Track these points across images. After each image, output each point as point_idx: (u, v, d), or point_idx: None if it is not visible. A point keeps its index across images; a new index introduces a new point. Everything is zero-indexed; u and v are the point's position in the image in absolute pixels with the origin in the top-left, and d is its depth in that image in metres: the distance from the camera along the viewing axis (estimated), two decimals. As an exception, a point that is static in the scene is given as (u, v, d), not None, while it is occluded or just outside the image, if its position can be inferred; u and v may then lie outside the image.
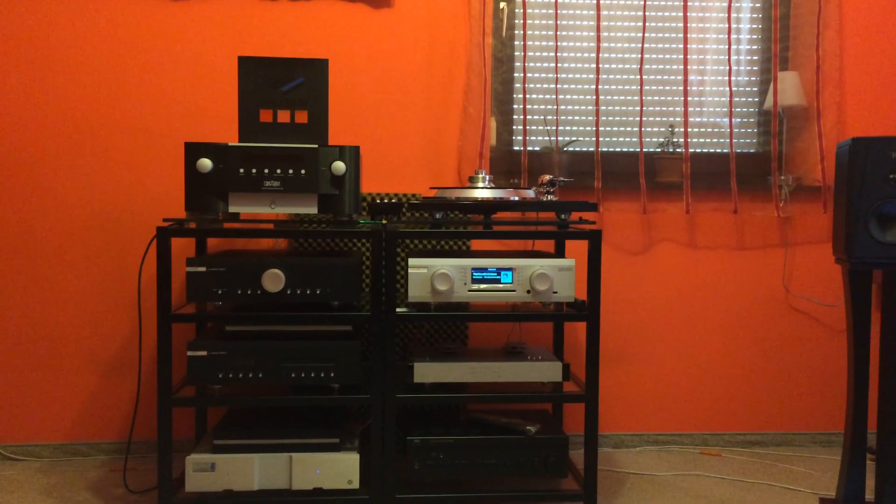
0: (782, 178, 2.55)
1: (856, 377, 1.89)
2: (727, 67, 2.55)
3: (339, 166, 1.86)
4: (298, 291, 1.87)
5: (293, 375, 1.88)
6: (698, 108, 2.65)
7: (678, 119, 2.62)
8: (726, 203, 2.56)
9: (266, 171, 1.84)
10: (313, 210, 1.88)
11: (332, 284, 1.86)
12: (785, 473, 2.35)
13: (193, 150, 1.86)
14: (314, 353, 1.87)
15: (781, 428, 2.65)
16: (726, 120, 2.61)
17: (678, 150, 2.59)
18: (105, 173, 2.37)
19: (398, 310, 1.91)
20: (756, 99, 2.69)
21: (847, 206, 1.79)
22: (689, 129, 2.57)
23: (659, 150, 2.63)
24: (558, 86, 2.56)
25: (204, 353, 1.86)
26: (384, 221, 2.03)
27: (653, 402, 2.63)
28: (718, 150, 2.67)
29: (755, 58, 2.68)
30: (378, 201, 2.04)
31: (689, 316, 2.64)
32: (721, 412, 2.66)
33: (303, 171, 1.85)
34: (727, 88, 2.57)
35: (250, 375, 1.87)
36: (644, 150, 2.57)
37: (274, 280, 1.85)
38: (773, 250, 2.62)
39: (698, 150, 2.67)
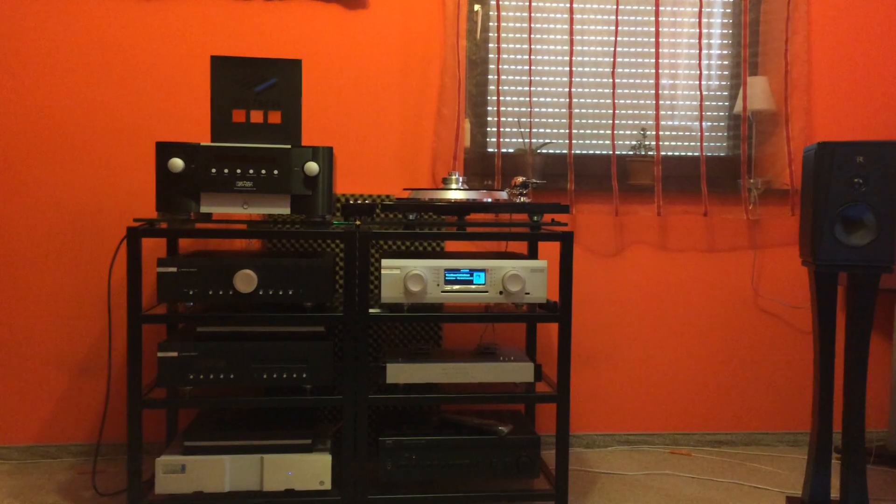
0: (751, 181, 2.56)
1: (821, 377, 1.90)
2: (698, 72, 2.55)
3: (313, 167, 1.85)
4: (271, 292, 1.86)
5: (265, 376, 1.87)
6: (670, 112, 2.67)
7: (650, 122, 2.63)
8: (697, 206, 2.57)
9: (238, 171, 1.83)
10: (286, 211, 1.87)
11: (304, 285, 1.85)
12: (753, 472, 2.36)
13: (165, 150, 1.84)
14: (286, 354, 1.86)
15: (750, 427, 2.66)
16: (697, 124, 2.61)
17: (650, 153, 2.60)
18: (76, 172, 2.35)
19: (371, 311, 1.91)
20: (726, 103, 2.71)
21: (813, 209, 1.80)
22: (661, 133, 2.58)
23: (631, 153, 2.64)
24: (532, 88, 2.55)
25: (175, 354, 1.84)
26: (357, 222, 2.03)
27: (624, 402, 2.63)
28: (689, 154, 2.68)
29: (726, 62, 2.70)
30: (351, 202, 1.99)
31: (660, 317, 2.65)
32: (691, 412, 2.67)
33: (275, 172, 1.84)
34: (698, 93, 2.58)
35: (222, 377, 1.86)
36: (616, 152, 2.59)
37: (246, 281, 1.84)
38: (742, 252, 2.64)
39: (670, 154, 2.68)
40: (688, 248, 2.62)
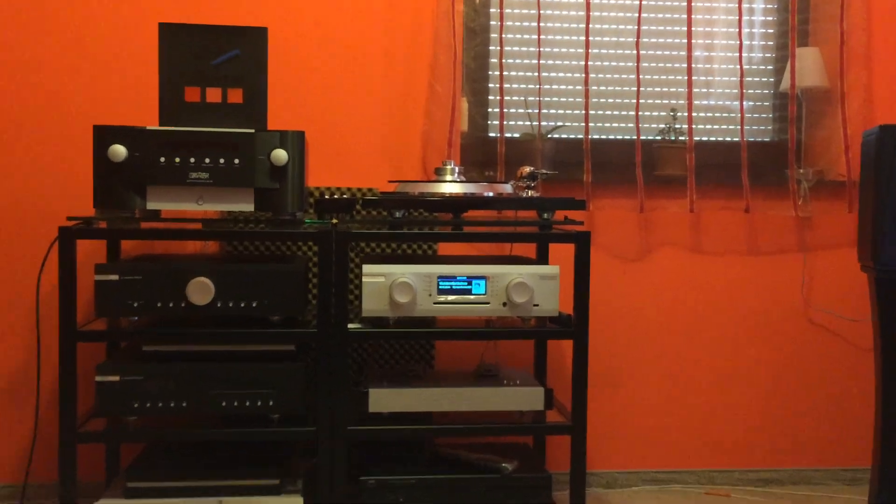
0: (801, 171, 2.56)
1: (884, 404, 1.91)
2: (738, 42, 2.55)
3: (280, 155, 1.86)
4: (231, 304, 1.88)
5: (224, 404, 1.89)
6: (704, 90, 2.67)
7: (681, 102, 2.62)
8: (736, 200, 2.57)
9: (192, 160, 1.84)
10: (249, 207, 1.89)
11: (271, 296, 1.87)
12: (804, 517, 2.35)
13: (104, 135, 1.85)
14: (250, 378, 1.88)
15: (800, 463, 2.67)
16: (737, 103, 2.61)
17: (681, 137, 2.58)
18: (2, 162, 2.35)
19: (350, 326, 1.92)
20: (771, 79, 2.71)
21: (874, 204, 1.81)
22: (694, 114, 2.56)
23: (659, 137, 2.62)
24: (541, 62, 2.54)
25: (116, 377, 1.86)
26: (334, 221, 2.03)
27: (650, 433, 2.63)
28: (728, 139, 2.68)
29: (770, 31, 2.70)
30: (327, 197, 2.05)
31: (692, 333, 2.64)
32: (730, 445, 2.66)
33: (236, 161, 1.85)
34: (738, 67, 2.57)
35: (172, 405, 1.87)
36: (641, 137, 2.55)
37: (201, 290, 1.86)
38: (790, 256, 2.64)
39: (704, 139, 2.67)
40: (726, 250, 2.63)
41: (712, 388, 2.66)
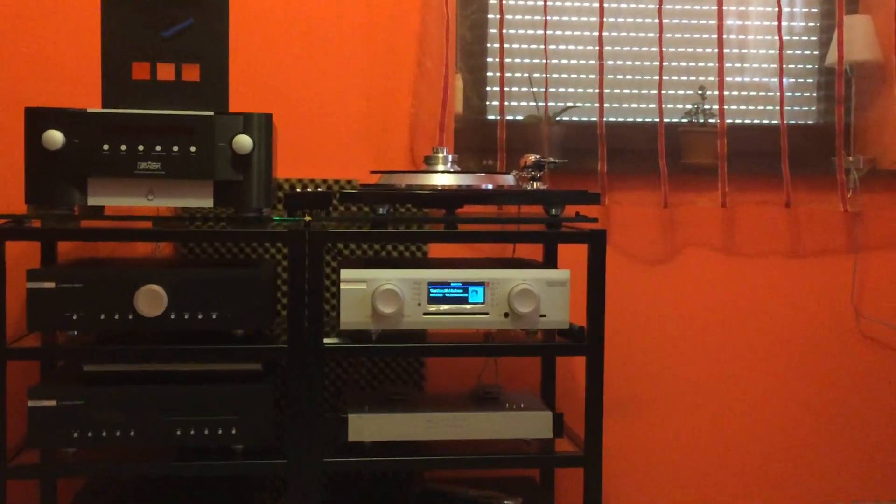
0: (850, 159, 2.58)
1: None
2: (776, 9, 2.57)
3: (244, 142, 1.86)
4: (187, 316, 1.88)
5: (179, 433, 1.88)
6: (738, 65, 2.68)
7: (711, 79, 2.63)
8: (775, 193, 2.58)
9: (141, 147, 1.84)
10: (208, 202, 1.89)
11: (233, 306, 1.87)
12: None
13: (37, 119, 1.83)
14: (209, 402, 1.88)
15: (853, 497, 2.67)
16: (775, 81, 2.62)
17: (711, 120, 2.59)
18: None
19: (326, 341, 1.92)
20: (815, 53, 2.74)
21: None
22: (726, 93, 2.56)
23: (685, 120, 2.63)
24: (548, 32, 2.54)
25: (52, 402, 1.84)
26: (307, 218, 2.05)
27: (676, 465, 2.63)
28: (765, 122, 2.70)
29: (814, -4, 2.75)
30: (299, 190, 2.08)
31: (725, 347, 2.65)
32: (770, 479, 2.66)
33: (193, 149, 1.85)
34: (776, 38, 2.58)
35: (118, 434, 1.86)
36: (665, 120, 2.55)
37: (152, 300, 1.85)
38: (838, 258, 2.66)
39: (738, 122, 2.67)
40: (763, 251, 2.64)
41: (748, 413, 2.65)
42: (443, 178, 2.01)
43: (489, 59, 2.59)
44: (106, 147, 1.83)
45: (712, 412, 2.66)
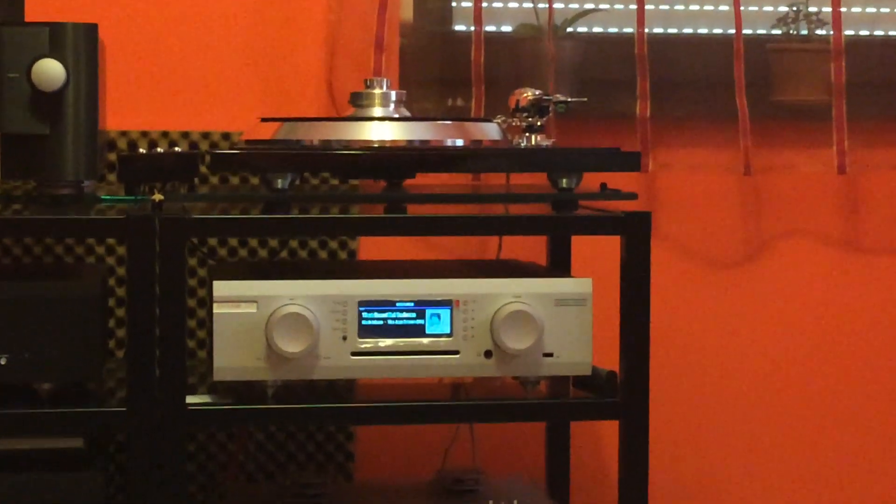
0: None
1: None
2: None
3: (52, 70, 1.65)
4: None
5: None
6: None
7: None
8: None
9: None
10: (-10, 171, 1.77)
11: (35, 344, 1.65)
12: None
13: None
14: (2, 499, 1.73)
15: None
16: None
17: (820, 31, 2.28)
18: None
19: (191, 399, 1.65)
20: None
21: None
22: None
23: (777, 32, 2.33)
24: None
25: None
26: (158, 197, 1.73)
27: None
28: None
29: None
30: (144, 152, 1.86)
31: (843, 395, 2.34)
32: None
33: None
34: None
35: None
36: (745, 32, 2.23)
37: None
38: None
39: (864, 34, 2.39)
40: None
41: (883, 493, 2.40)
42: (381, 128, 1.78)
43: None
44: None
45: (824, 495, 2.39)
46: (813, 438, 2.40)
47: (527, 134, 1.80)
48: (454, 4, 2.37)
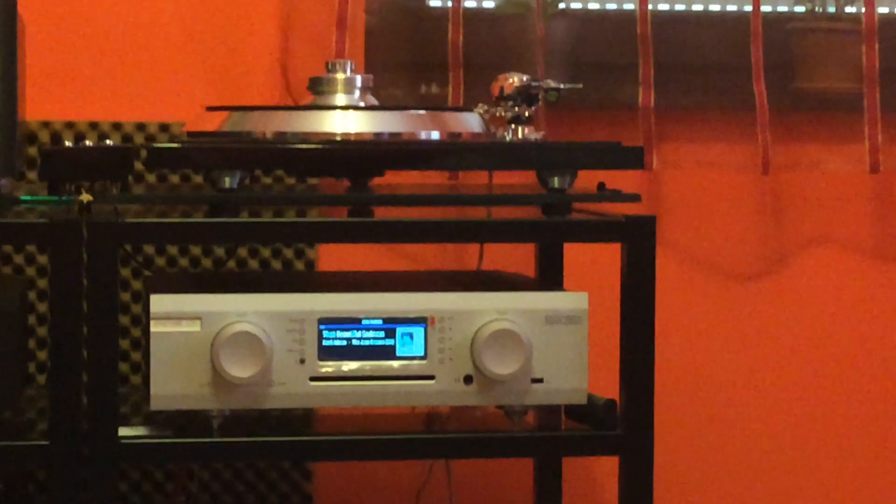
0: None
1: None
2: None
3: None
4: None
5: None
6: None
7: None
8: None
9: None
10: None
11: None
12: None
13: None
14: None
15: None
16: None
17: (848, 10, 2.21)
18: None
19: (124, 432, 1.58)
20: None
21: None
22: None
23: (801, 9, 2.29)
24: None
25: None
26: (85, 198, 1.69)
27: None
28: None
29: None
30: (70, 145, 1.78)
31: (882, 430, 2.23)
32: None
33: None
34: None
35: None
36: (763, 9, 2.15)
37: None
38: None
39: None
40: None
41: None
42: (345, 119, 1.72)
43: None
44: None
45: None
46: (848, 479, 2.30)
47: (512, 126, 1.74)
48: (428, -23, 2.36)
